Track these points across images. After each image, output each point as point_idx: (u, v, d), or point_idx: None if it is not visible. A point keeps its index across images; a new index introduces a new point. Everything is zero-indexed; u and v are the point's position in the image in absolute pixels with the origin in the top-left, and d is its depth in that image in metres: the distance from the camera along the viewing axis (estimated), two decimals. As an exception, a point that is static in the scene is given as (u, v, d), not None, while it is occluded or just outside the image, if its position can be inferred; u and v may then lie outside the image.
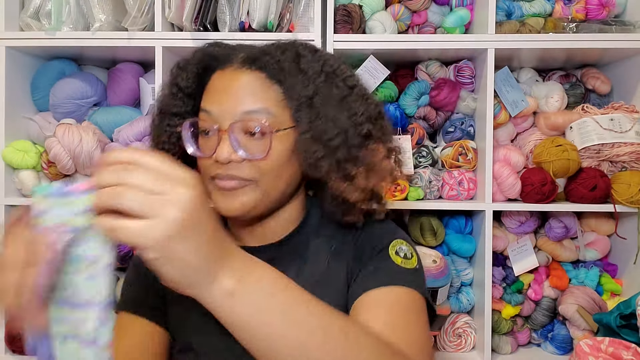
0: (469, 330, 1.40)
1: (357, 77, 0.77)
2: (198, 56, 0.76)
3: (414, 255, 0.74)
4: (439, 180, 1.39)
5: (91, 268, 0.46)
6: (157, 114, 0.79)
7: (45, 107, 1.43)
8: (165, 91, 0.78)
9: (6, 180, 1.35)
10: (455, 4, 1.44)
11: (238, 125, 0.68)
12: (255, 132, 0.68)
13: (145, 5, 1.31)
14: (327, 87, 0.71)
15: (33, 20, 1.35)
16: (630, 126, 1.32)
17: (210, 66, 0.75)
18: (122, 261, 1.39)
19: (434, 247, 1.44)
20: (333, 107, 0.70)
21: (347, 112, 0.70)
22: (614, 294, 1.43)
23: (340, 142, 0.69)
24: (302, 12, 1.35)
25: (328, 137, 0.68)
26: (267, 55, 0.71)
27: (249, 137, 0.68)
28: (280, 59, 0.71)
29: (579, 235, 1.45)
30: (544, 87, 1.44)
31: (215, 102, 0.70)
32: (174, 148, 0.76)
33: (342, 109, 0.70)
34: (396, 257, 0.71)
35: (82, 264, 0.46)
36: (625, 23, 1.36)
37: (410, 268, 0.71)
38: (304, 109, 0.69)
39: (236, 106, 0.68)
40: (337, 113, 0.69)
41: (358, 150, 0.70)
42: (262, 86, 0.70)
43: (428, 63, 1.46)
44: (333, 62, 0.74)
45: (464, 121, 1.43)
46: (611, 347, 0.92)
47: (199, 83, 0.75)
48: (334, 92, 0.71)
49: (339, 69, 0.74)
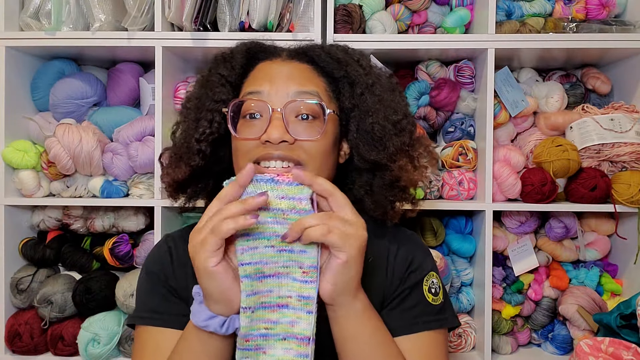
0: (469, 331, 1.40)
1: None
2: (243, 48, 0.78)
3: (441, 288, 0.80)
4: (439, 180, 1.39)
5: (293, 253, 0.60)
6: (195, 101, 0.79)
7: (45, 107, 1.43)
8: (204, 80, 0.79)
9: (6, 180, 1.35)
10: (455, 4, 1.44)
11: (292, 106, 0.70)
12: (310, 113, 0.70)
13: (145, 5, 1.31)
14: (379, 77, 0.77)
15: (33, 20, 1.35)
16: (630, 126, 1.32)
17: (256, 56, 0.78)
18: (122, 261, 1.39)
19: (434, 247, 1.44)
20: (390, 95, 0.76)
21: (399, 99, 0.77)
22: (614, 294, 1.43)
23: (405, 124, 0.74)
24: (302, 12, 1.34)
25: (396, 119, 0.73)
26: (314, 48, 0.77)
27: (301, 121, 0.70)
28: (330, 52, 0.76)
29: (579, 235, 1.45)
30: (544, 87, 1.44)
31: (266, 82, 0.71)
32: (213, 133, 0.75)
33: (396, 98, 0.77)
34: (428, 294, 0.77)
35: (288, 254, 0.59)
36: (625, 23, 1.36)
37: (438, 305, 0.77)
38: (367, 92, 0.74)
39: (289, 86, 0.71)
40: (395, 100, 0.76)
41: (412, 136, 0.76)
42: (312, 74, 0.75)
43: (428, 63, 1.46)
44: (367, 57, 0.81)
45: (464, 121, 1.43)
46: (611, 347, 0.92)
47: (242, 73, 0.77)
48: (384, 82, 0.77)
49: (376, 67, 0.81)
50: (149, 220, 1.44)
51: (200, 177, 0.81)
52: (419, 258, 0.80)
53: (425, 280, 0.77)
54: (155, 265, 0.80)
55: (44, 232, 1.45)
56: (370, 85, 0.75)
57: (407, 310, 0.75)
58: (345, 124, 0.79)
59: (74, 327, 1.35)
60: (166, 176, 0.80)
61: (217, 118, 0.75)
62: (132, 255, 1.39)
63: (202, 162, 0.76)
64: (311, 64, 0.76)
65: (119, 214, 1.42)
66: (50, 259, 1.41)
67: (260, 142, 0.69)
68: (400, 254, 0.79)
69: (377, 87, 0.75)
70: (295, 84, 0.71)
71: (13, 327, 1.35)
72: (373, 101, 0.74)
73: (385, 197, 0.77)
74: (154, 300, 0.77)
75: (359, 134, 0.76)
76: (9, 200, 1.35)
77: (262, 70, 0.75)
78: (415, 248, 0.81)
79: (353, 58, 0.77)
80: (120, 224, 1.41)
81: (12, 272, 1.39)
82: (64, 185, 1.39)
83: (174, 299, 0.76)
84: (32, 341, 1.35)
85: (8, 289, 1.38)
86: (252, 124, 0.71)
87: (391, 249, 0.79)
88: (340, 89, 0.78)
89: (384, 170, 0.75)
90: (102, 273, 1.40)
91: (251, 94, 0.72)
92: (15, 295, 1.37)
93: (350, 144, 0.79)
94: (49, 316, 1.34)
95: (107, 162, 1.35)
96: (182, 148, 0.78)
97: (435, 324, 0.75)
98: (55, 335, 1.36)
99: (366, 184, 0.79)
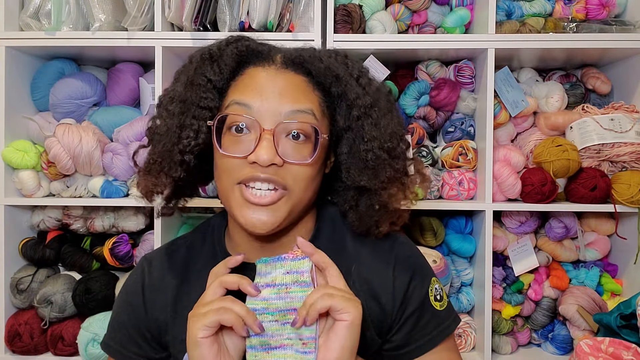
0: (469, 331, 1.40)
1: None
2: (234, 50, 0.70)
3: (442, 290, 0.79)
4: (439, 180, 1.39)
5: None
6: (179, 104, 0.70)
7: (45, 107, 1.43)
8: (189, 81, 0.70)
9: (6, 180, 1.35)
10: (455, 3, 1.44)
11: (283, 127, 0.65)
12: (302, 133, 0.66)
13: (145, 5, 1.31)
14: (377, 96, 0.72)
15: (33, 20, 1.35)
16: (630, 126, 1.32)
17: (247, 60, 0.71)
18: (122, 261, 1.39)
19: (434, 247, 1.44)
20: (387, 118, 0.71)
21: (396, 122, 0.72)
22: (614, 294, 1.43)
23: (400, 151, 0.71)
24: (302, 12, 1.34)
25: (391, 146, 0.70)
26: (313, 59, 0.70)
27: (289, 140, 0.66)
28: (329, 64, 0.70)
29: (579, 235, 1.45)
30: (544, 87, 1.44)
31: (257, 96, 0.65)
32: (199, 144, 0.69)
33: (393, 120, 0.72)
34: (436, 303, 0.76)
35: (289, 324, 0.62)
36: (625, 23, 1.36)
37: (445, 310, 0.77)
38: (364, 116, 0.69)
39: (282, 103, 0.65)
40: (392, 123, 0.71)
41: (404, 159, 0.73)
42: (307, 88, 0.69)
43: (428, 63, 1.46)
44: (366, 71, 0.75)
45: (464, 121, 1.43)
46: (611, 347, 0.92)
47: (230, 77, 0.71)
48: (382, 101, 0.72)
49: (375, 80, 0.75)
50: (149, 220, 1.44)
51: (180, 188, 0.79)
52: (418, 269, 0.76)
53: (430, 292, 0.76)
54: (130, 296, 0.78)
55: (44, 232, 1.45)
56: (368, 108, 0.70)
57: (423, 328, 0.74)
58: (336, 140, 0.75)
59: (74, 327, 1.35)
60: (143, 182, 0.73)
61: (204, 128, 0.68)
62: (132, 256, 1.39)
63: (184, 173, 0.70)
64: (307, 75, 0.70)
65: (119, 214, 1.42)
66: (50, 259, 1.41)
67: (247, 162, 0.64)
68: (397, 276, 0.74)
69: (375, 111, 0.70)
70: (289, 101, 0.66)
71: (13, 327, 1.35)
72: (369, 127, 0.69)
73: (371, 217, 0.73)
74: (123, 335, 0.77)
75: (351, 157, 0.72)
76: (9, 200, 1.35)
77: (253, 79, 0.68)
78: (409, 254, 0.78)
79: (352, 75, 0.71)
80: (120, 224, 1.41)
81: (12, 272, 1.39)
82: (64, 185, 1.39)
83: (141, 341, 0.76)
84: (32, 341, 1.35)
85: (8, 289, 1.38)
86: (239, 139, 0.66)
87: (386, 270, 0.74)
88: (336, 105, 0.73)
89: (373, 195, 0.72)
90: (102, 273, 1.40)
91: (239, 105, 0.66)
92: (15, 295, 1.37)
93: (340, 161, 0.75)
94: (48, 316, 1.34)
95: (107, 162, 1.35)
96: (163, 155, 0.70)
97: (449, 329, 0.76)
98: (55, 335, 1.36)
99: (352, 200, 0.75)
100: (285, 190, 0.66)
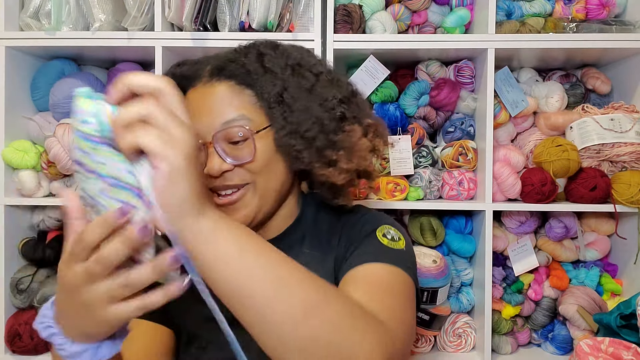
0: (469, 331, 1.40)
1: (324, 62, 0.79)
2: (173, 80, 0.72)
3: (401, 238, 0.75)
4: (439, 180, 1.39)
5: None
6: None
7: (45, 107, 1.43)
8: None
9: (6, 180, 1.35)
10: (455, 3, 1.44)
11: (220, 136, 0.70)
12: (238, 138, 0.70)
13: (145, 5, 1.31)
14: (294, 80, 0.72)
15: (33, 20, 1.35)
16: (630, 126, 1.32)
17: (181, 87, 0.75)
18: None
19: (434, 247, 1.44)
20: (303, 98, 0.72)
21: (318, 100, 0.72)
22: (614, 294, 1.43)
23: (316, 131, 0.70)
24: (302, 12, 1.35)
25: (304, 129, 0.70)
26: (232, 62, 0.73)
27: (233, 146, 0.71)
28: (244, 62, 0.73)
29: (579, 235, 1.45)
30: (544, 87, 1.44)
31: (195, 120, 0.70)
32: None
33: (313, 98, 0.72)
34: (383, 238, 0.74)
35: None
36: (625, 23, 1.36)
37: (397, 249, 0.73)
38: (275, 106, 0.71)
39: (214, 119, 0.71)
40: (308, 103, 0.71)
41: (335, 134, 0.72)
42: (233, 94, 0.72)
43: (428, 63, 1.46)
44: (297, 54, 0.75)
45: (464, 121, 1.43)
46: (611, 347, 0.92)
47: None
48: (302, 83, 0.72)
49: (303, 59, 0.75)
50: (149, 220, 1.44)
51: None
52: (375, 218, 0.80)
53: (378, 230, 0.75)
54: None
55: (44, 232, 1.44)
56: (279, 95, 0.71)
57: (355, 254, 0.72)
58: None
59: (74, 327, 1.35)
60: None
61: None
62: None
63: None
64: (232, 79, 0.73)
65: (119, 214, 1.42)
66: (50, 259, 1.40)
67: (208, 175, 0.70)
68: (353, 219, 0.79)
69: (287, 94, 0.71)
70: (218, 116, 0.70)
71: (13, 327, 1.35)
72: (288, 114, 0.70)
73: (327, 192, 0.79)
74: None
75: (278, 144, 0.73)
76: (9, 200, 1.35)
77: (190, 103, 0.73)
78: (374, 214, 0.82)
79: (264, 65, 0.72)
80: (120, 224, 1.41)
81: (12, 272, 1.39)
82: (64, 185, 1.39)
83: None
84: (32, 341, 1.35)
85: (8, 289, 1.37)
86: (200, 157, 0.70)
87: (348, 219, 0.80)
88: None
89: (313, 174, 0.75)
90: (102, 273, 1.40)
91: None
92: (15, 295, 1.37)
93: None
94: (49, 316, 1.34)
95: (107, 162, 1.35)
96: None
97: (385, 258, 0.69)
98: (55, 335, 1.36)
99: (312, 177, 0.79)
100: (248, 184, 0.72)
